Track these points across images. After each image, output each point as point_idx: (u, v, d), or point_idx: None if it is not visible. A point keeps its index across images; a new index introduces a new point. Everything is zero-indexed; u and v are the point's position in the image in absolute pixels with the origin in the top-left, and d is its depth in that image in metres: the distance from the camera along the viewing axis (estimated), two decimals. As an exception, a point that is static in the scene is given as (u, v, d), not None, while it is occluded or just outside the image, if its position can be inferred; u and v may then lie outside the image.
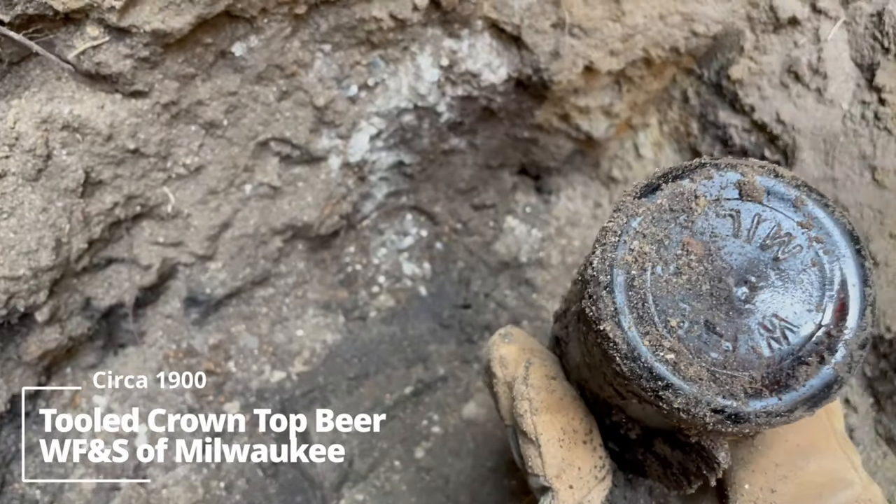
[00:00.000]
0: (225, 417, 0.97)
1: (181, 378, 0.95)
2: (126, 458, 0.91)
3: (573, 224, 1.14)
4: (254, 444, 0.95)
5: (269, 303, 1.01)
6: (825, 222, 0.41)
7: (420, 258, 1.14)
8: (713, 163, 0.43)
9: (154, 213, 0.84)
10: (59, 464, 0.91)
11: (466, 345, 1.09)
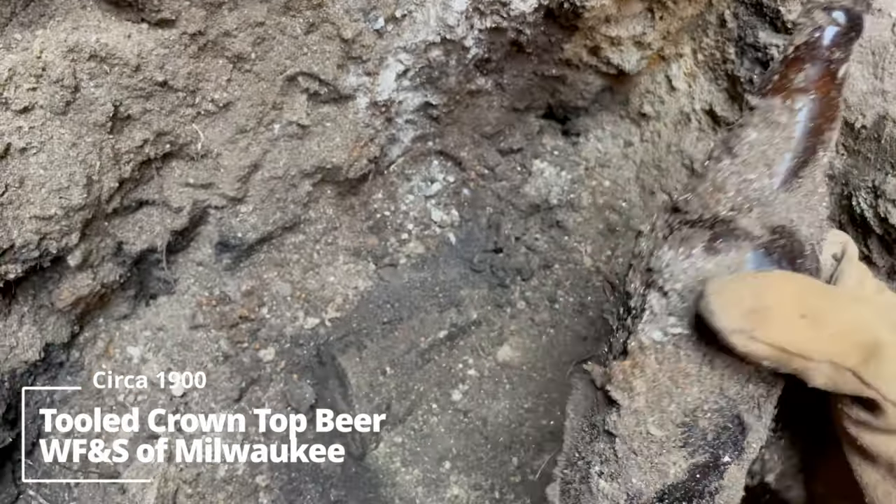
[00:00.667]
0: (260, 364, 0.96)
1: (216, 325, 0.94)
2: (163, 406, 0.90)
3: (603, 165, 1.12)
4: (290, 389, 0.95)
5: (300, 249, 1.00)
6: None
7: (448, 205, 1.12)
8: None
9: (184, 153, 0.82)
10: (96, 414, 0.90)
11: (498, 289, 1.08)
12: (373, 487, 0.95)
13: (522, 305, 1.07)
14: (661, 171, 1.04)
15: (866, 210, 0.81)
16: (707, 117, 0.98)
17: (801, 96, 0.50)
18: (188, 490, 0.87)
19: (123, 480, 0.86)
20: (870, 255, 0.85)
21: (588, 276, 1.06)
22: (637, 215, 1.07)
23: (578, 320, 1.05)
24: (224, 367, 0.93)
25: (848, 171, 0.85)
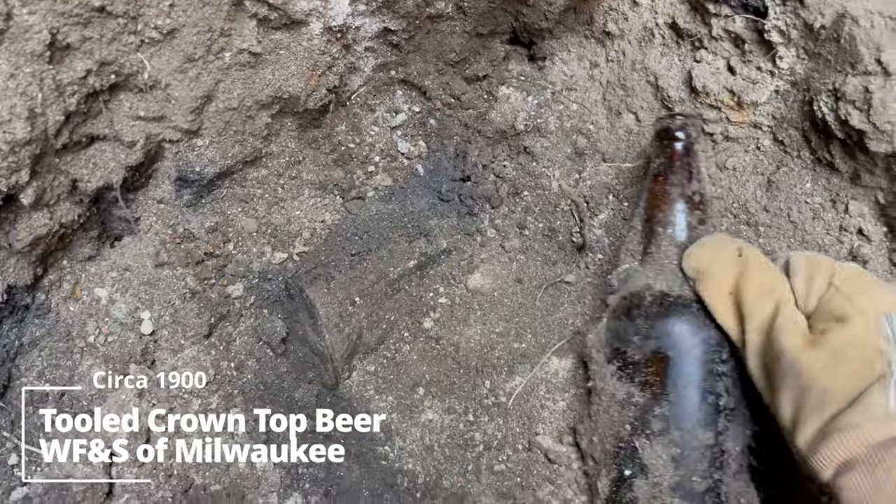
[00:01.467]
0: (229, 299, 0.96)
1: (181, 262, 0.93)
2: (133, 345, 0.90)
3: (569, 88, 1.10)
4: (261, 324, 0.95)
5: (264, 184, 0.99)
6: None
7: (414, 135, 1.11)
8: None
9: (131, 84, 0.80)
10: (67, 356, 0.90)
11: (468, 217, 1.07)
12: (348, 415, 0.96)
13: (492, 233, 1.07)
14: (626, 90, 1.03)
15: (827, 114, 0.81)
16: (671, 31, 0.97)
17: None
18: (161, 425, 0.88)
19: (97, 419, 0.87)
20: (832, 162, 0.85)
21: (556, 201, 1.06)
22: (604, 137, 1.06)
23: (548, 245, 1.05)
24: (192, 304, 0.93)
25: (809, 76, 0.84)
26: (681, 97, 0.96)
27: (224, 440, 0.90)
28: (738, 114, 0.92)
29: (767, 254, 0.75)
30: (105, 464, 0.84)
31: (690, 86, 0.94)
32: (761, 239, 0.92)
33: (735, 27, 0.88)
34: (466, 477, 0.94)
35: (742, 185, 0.94)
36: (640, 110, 1.02)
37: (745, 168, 0.95)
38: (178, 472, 0.87)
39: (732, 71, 0.90)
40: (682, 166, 0.86)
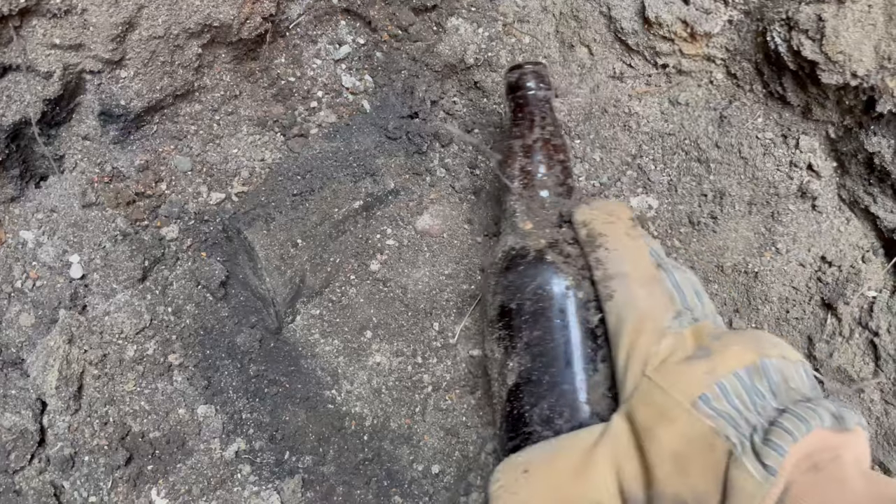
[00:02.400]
0: (163, 242, 0.92)
1: (110, 203, 0.89)
2: (62, 289, 0.86)
3: (521, 20, 1.05)
4: (199, 268, 0.91)
5: (198, 120, 0.94)
6: None
7: (360, 69, 1.06)
8: None
9: (43, 9, 0.74)
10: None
11: (416, 156, 1.04)
12: (293, 360, 0.94)
13: (442, 173, 1.04)
14: (579, 22, 0.99)
15: (780, 45, 0.78)
16: (624, -42, 0.92)
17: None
18: (95, 371, 0.84)
19: (26, 366, 0.83)
20: (784, 95, 0.83)
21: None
22: (557, 72, 1.02)
23: (498, 184, 1.02)
24: (123, 247, 0.88)
25: (762, 5, 0.81)
26: (634, 28, 0.93)
27: (163, 386, 0.88)
28: (692, 46, 0.89)
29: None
30: (36, 412, 0.81)
31: (643, 16, 0.90)
32: (712, 175, 0.91)
33: (689, -47, 0.84)
34: (413, 418, 0.94)
35: (694, 121, 0.92)
36: (594, 43, 0.99)
37: (697, 103, 0.92)
38: (115, 419, 0.85)
39: (686, 0, 0.87)
40: (525, 117, 0.83)
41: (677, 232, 0.93)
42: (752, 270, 0.90)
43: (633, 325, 0.64)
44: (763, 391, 0.57)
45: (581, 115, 0.99)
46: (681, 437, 0.56)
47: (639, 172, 0.95)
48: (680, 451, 0.56)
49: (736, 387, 0.56)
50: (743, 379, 0.57)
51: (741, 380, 0.57)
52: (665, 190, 0.93)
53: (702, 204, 0.92)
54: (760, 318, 0.91)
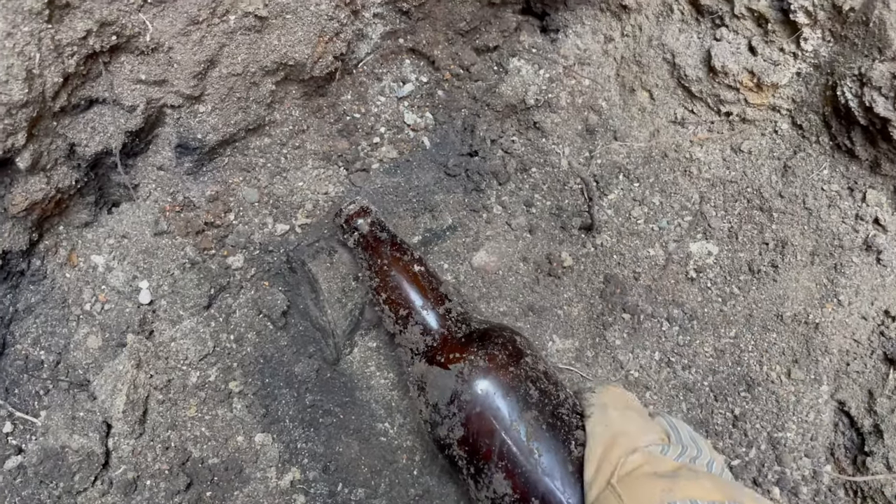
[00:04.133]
0: (229, 271, 0.94)
1: (181, 232, 0.91)
2: (130, 314, 0.89)
3: (582, 62, 1.07)
4: (262, 297, 0.93)
5: (266, 153, 0.96)
6: None
7: (421, 107, 1.08)
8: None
9: (132, 46, 0.77)
10: (62, 323, 0.89)
11: (474, 193, 1.05)
12: (348, 391, 0.95)
13: (498, 210, 1.05)
14: (641, 67, 1.00)
15: (851, 100, 0.78)
16: (690, 7, 0.93)
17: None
18: (159, 396, 0.86)
19: (93, 388, 0.85)
20: (853, 149, 0.83)
21: (565, 179, 1.03)
22: (617, 115, 1.03)
23: (555, 224, 1.03)
24: (191, 275, 0.91)
25: (833, 60, 0.81)
26: (698, 76, 0.94)
27: (223, 413, 0.89)
28: (757, 95, 0.89)
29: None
30: (101, 434, 0.83)
31: (709, 65, 0.91)
32: (774, 224, 0.91)
33: (759, 6, 0.85)
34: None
35: (757, 170, 0.92)
36: (655, 88, 1.00)
37: (760, 152, 0.93)
38: (176, 444, 0.86)
39: (753, 51, 0.87)
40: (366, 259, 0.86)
41: (736, 279, 0.93)
42: (812, 321, 0.89)
43: (607, 440, 0.66)
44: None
45: (640, 159, 1.00)
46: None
47: (699, 218, 0.95)
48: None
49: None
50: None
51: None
52: (725, 237, 0.94)
53: (763, 252, 0.92)
54: (820, 369, 0.90)
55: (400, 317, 0.82)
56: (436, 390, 0.77)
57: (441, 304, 0.82)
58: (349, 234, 0.87)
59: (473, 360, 0.76)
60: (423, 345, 0.81)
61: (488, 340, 0.79)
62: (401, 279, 0.83)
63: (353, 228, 0.86)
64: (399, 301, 0.82)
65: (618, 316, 0.95)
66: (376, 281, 0.84)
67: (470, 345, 0.78)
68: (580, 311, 0.97)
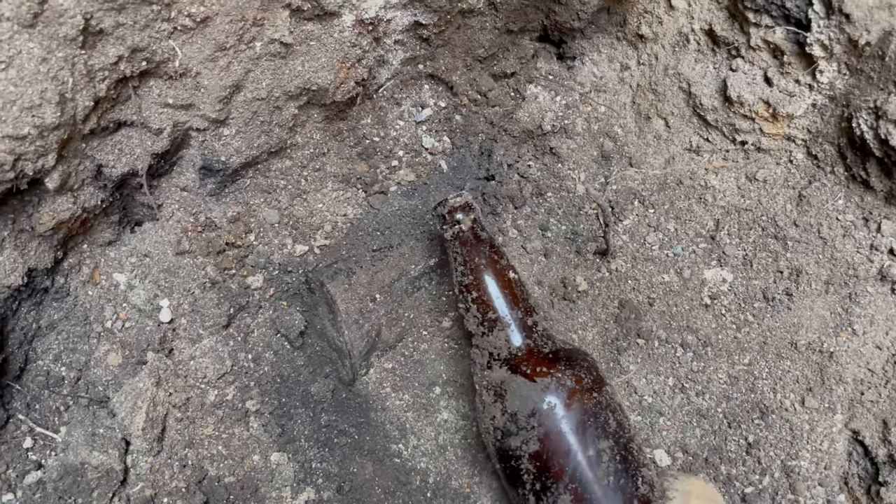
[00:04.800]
0: (248, 290, 0.95)
1: (202, 251, 0.93)
2: (151, 332, 0.90)
3: (598, 90, 1.09)
4: (280, 316, 0.94)
5: (287, 175, 0.98)
6: None
7: (439, 131, 1.10)
8: None
9: (161, 71, 0.79)
10: (84, 340, 0.90)
11: (490, 217, 1.06)
12: (363, 412, 0.96)
13: (514, 233, 1.06)
14: (657, 95, 1.01)
15: (866, 132, 0.79)
16: (707, 38, 0.95)
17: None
18: (178, 414, 0.87)
19: (113, 405, 0.86)
20: (868, 180, 0.84)
21: (581, 204, 1.04)
22: (632, 142, 1.04)
23: (570, 248, 1.04)
24: (212, 294, 0.92)
25: (849, 92, 0.82)
26: (714, 105, 0.95)
27: (240, 432, 0.90)
28: (773, 125, 0.91)
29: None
30: (121, 451, 0.84)
31: (724, 94, 0.93)
32: (789, 253, 0.91)
33: (775, 38, 0.86)
34: (473, 478, 0.94)
35: (772, 198, 0.93)
36: (671, 116, 1.01)
37: (775, 181, 0.93)
38: (193, 462, 0.87)
39: (769, 82, 0.89)
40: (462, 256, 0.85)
41: (751, 307, 0.94)
42: (826, 350, 0.90)
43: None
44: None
45: (656, 185, 1.01)
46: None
47: (714, 245, 0.96)
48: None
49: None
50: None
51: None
52: (740, 264, 0.94)
53: (777, 280, 0.92)
54: (834, 398, 0.90)
55: (487, 319, 0.81)
56: (517, 400, 0.76)
57: (530, 315, 0.82)
58: (449, 225, 0.85)
59: (560, 378, 0.76)
60: (507, 352, 0.80)
61: (575, 362, 0.79)
62: (495, 282, 0.82)
63: (454, 221, 0.85)
64: (489, 303, 0.82)
65: (632, 341, 0.96)
66: (468, 278, 0.83)
67: (557, 362, 0.78)
68: (595, 335, 0.98)
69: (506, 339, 0.81)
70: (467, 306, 0.83)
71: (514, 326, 0.81)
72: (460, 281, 0.84)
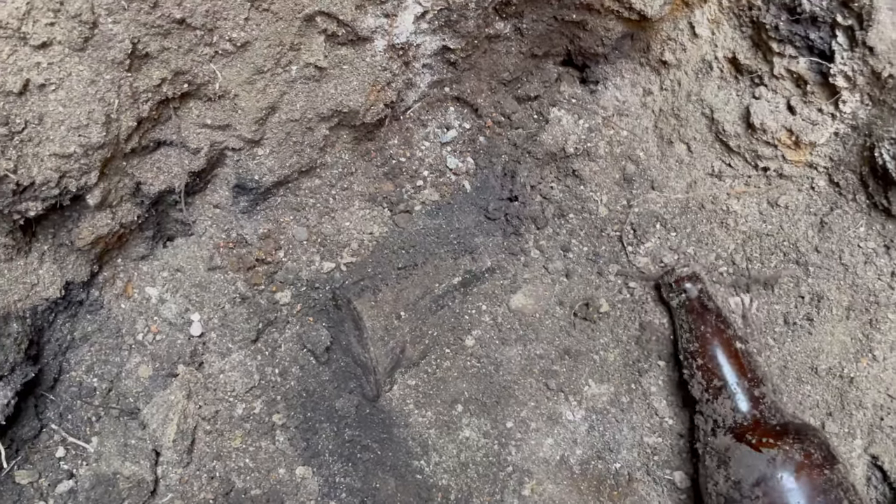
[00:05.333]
0: (277, 306, 0.97)
1: (233, 267, 0.95)
2: (182, 345, 0.92)
3: (621, 114, 1.10)
4: (306, 332, 0.96)
5: (316, 193, 1.00)
6: None
7: (463, 152, 1.12)
8: None
9: (201, 93, 0.81)
10: (115, 352, 0.92)
11: (513, 237, 1.08)
12: (386, 428, 0.97)
13: (536, 254, 1.08)
14: (679, 120, 1.03)
15: (889, 162, 0.81)
16: (730, 65, 0.97)
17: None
18: (207, 427, 0.89)
19: (143, 416, 0.88)
20: (889, 208, 0.85)
21: (602, 226, 1.06)
22: (654, 165, 1.06)
23: (591, 269, 1.05)
24: (241, 309, 0.94)
25: (871, 122, 0.84)
26: (736, 131, 0.96)
27: (266, 445, 0.92)
28: (795, 153, 0.92)
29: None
30: (151, 462, 0.85)
31: (747, 121, 0.94)
32: (811, 279, 0.92)
33: (798, 68, 0.88)
34: (494, 497, 0.95)
35: (794, 224, 0.94)
36: (693, 141, 1.03)
37: (797, 207, 0.95)
38: (221, 474, 0.89)
39: (792, 110, 0.90)
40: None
41: (772, 331, 0.95)
42: (847, 375, 0.90)
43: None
44: None
45: (678, 209, 1.03)
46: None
47: (735, 269, 0.97)
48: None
49: None
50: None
51: None
52: (761, 288, 0.95)
53: (798, 305, 0.93)
54: (853, 423, 0.90)
55: (712, 386, 0.84)
56: (741, 468, 0.78)
57: (757, 386, 0.84)
58: (675, 294, 0.91)
59: (789, 452, 0.77)
60: (732, 420, 0.82)
61: (805, 437, 0.79)
62: (722, 351, 0.85)
63: (681, 290, 0.90)
64: (715, 371, 0.85)
65: (653, 363, 0.97)
66: (695, 346, 0.87)
67: (785, 435, 0.79)
68: (616, 356, 0.99)
69: (731, 407, 0.83)
70: (692, 373, 0.87)
71: (740, 395, 0.83)
72: (686, 348, 0.88)
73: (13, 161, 0.69)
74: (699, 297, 0.90)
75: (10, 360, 0.78)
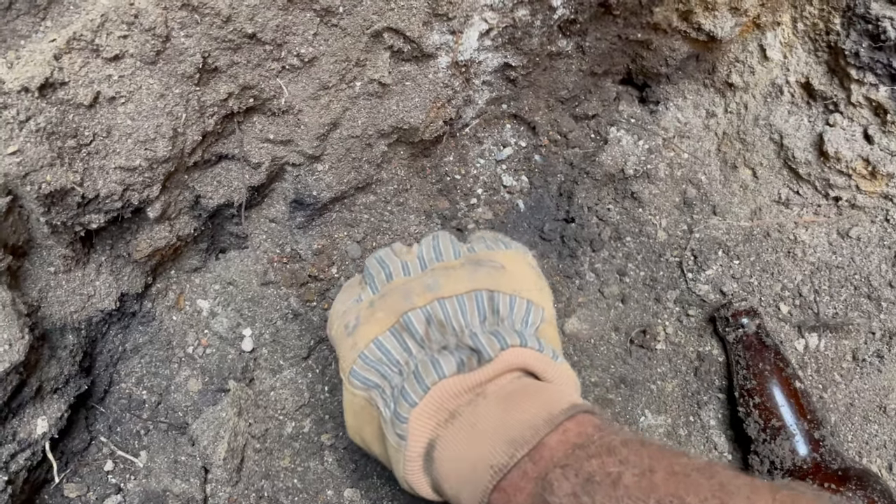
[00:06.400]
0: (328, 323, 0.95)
1: (286, 283, 0.93)
2: (233, 361, 0.91)
3: (682, 135, 1.08)
4: (357, 351, 0.94)
5: (371, 210, 0.98)
6: None
7: (518, 170, 1.10)
8: None
9: (266, 108, 0.80)
10: (165, 365, 0.91)
11: (568, 259, 1.06)
12: (435, 452, 0.95)
13: (591, 277, 1.05)
14: (745, 144, 1.00)
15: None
16: (802, 90, 0.94)
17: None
18: (256, 445, 0.88)
19: (192, 432, 0.87)
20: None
21: (661, 251, 1.03)
22: (717, 190, 1.03)
23: (648, 294, 1.02)
24: (294, 325, 0.92)
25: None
26: (807, 159, 0.93)
27: (314, 466, 0.90)
28: (870, 183, 0.89)
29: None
30: (201, 480, 0.84)
31: (820, 149, 0.91)
32: (882, 315, 0.89)
33: (878, 96, 0.84)
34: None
35: (866, 257, 0.91)
36: (759, 166, 0.99)
37: (870, 239, 0.91)
38: (269, 494, 0.87)
39: (869, 139, 0.87)
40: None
41: (839, 367, 0.91)
42: (919, 416, 0.87)
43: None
44: (410, 345, 0.59)
45: (741, 236, 0.99)
46: (355, 411, 0.61)
47: (802, 301, 0.94)
48: (360, 423, 0.61)
49: (375, 353, 0.59)
50: (382, 344, 0.59)
51: (380, 345, 0.59)
52: (829, 332, 0.92)
53: (868, 341, 0.90)
54: (925, 467, 0.87)
55: (770, 426, 0.81)
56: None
57: (817, 428, 0.81)
58: (732, 328, 0.89)
59: (851, 498, 0.74)
60: (791, 463, 0.79)
61: (867, 483, 0.76)
62: (780, 390, 0.83)
63: (738, 325, 0.88)
64: (773, 411, 0.82)
65: (713, 395, 0.94)
66: (752, 383, 0.84)
67: (847, 481, 0.76)
68: (674, 387, 0.96)
69: (790, 449, 0.80)
70: (748, 411, 0.84)
71: (799, 437, 0.80)
72: (742, 385, 0.85)
73: (79, 174, 0.69)
74: (757, 333, 0.87)
75: (65, 372, 0.77)
